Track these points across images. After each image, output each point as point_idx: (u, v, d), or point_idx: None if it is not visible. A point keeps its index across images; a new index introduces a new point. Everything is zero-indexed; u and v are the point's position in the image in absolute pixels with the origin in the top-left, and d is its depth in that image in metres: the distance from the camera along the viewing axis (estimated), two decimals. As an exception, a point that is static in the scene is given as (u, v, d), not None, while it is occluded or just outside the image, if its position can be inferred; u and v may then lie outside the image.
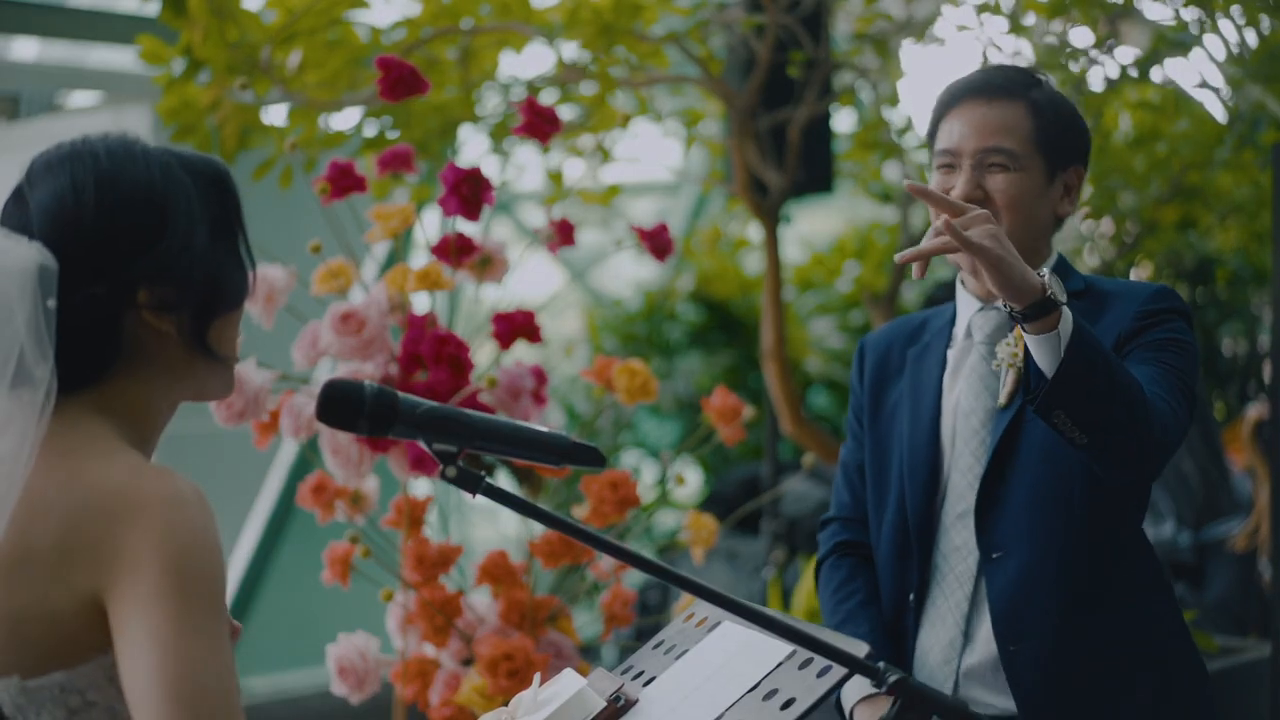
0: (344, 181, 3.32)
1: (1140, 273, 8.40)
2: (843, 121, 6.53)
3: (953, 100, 2.56)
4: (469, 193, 3.28)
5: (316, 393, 1.69)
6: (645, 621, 5.60)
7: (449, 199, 3.28)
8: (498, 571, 3.36)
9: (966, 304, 2.63)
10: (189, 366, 1.71)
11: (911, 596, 2.58)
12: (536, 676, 2.15)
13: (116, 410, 1.67)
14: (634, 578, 6.68)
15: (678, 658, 2.05)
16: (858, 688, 2.51)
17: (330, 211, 3.35)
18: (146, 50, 4.25)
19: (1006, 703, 2.49)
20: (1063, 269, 2.59)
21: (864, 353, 2.76)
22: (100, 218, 1.63)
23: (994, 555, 2.50)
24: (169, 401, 1.73)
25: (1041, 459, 2.50)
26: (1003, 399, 2.51)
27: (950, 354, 2.62)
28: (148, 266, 1.64)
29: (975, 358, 2.57)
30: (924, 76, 5.43)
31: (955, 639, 2.52)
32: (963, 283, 2.65)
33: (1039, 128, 2.52)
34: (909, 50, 5.03)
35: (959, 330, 2.62)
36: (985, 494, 2.50)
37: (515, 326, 3.32)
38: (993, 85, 2.54)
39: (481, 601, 3.40)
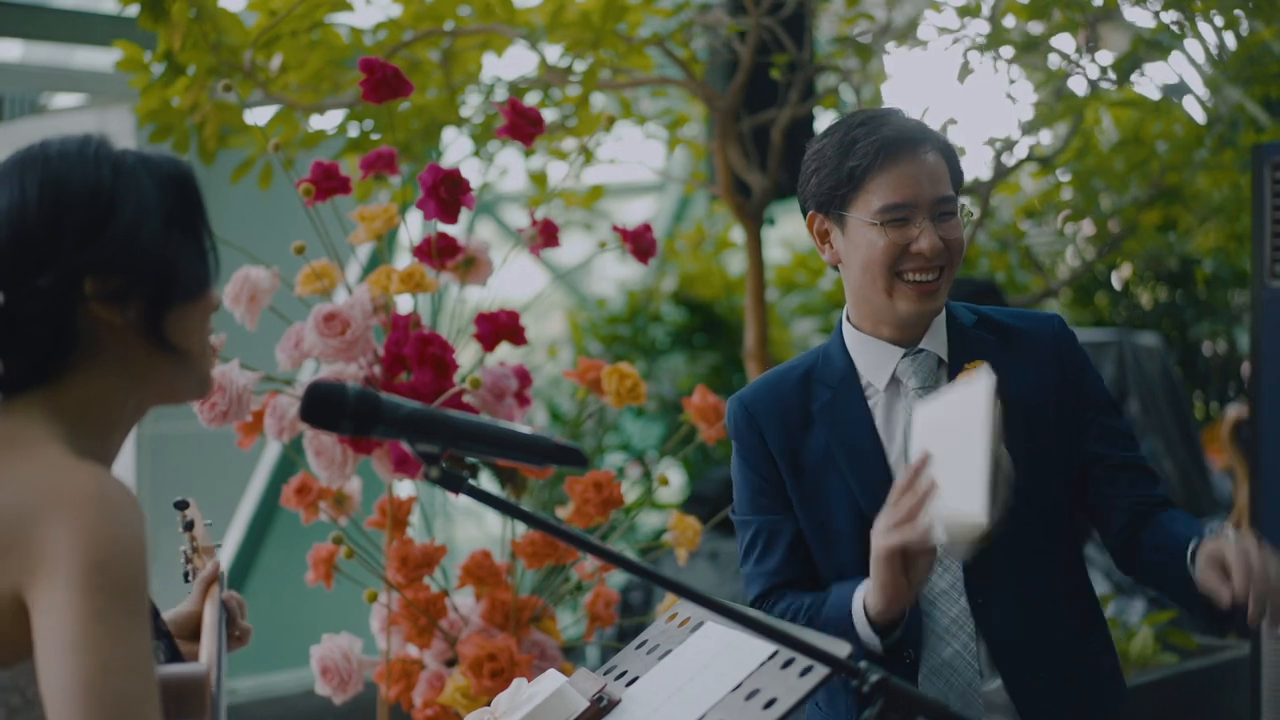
0: (328, 183, 3.32)
1: (1121, 274, 8.45)
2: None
3: (890, 151, 2.52)
4: (448, 194, 3.28)
5: (300, 394, 1.70)
6: (628, 622, 5.62)
7: (428, 201, 3.28)
8: (481, 572, 3.36)
9: (878, 351, 2.61)
10: (149, 362, 1.70)
11: (910, 653, 2.54)
12: (520, 680, 2.16)
13: (70, 409, 1.66)
14: (617, 578, 6.69)
15: (661, 658, 2.06)
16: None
17: (314, 213, 3.35)
18: (125, 59, 4.25)
19: None
20: (951, 306, 2.65)
21: (752, 413, 2.66)
22: (43, 213, 1.64)
23: (989, 599, 2.52)
24: (132, 401, 1.71)
25: (1021, 501, 2.51)
26: None
27: (873, 404, 2.60)
28: (92, 257, 1.64)
29: (916, 403, 2.56)
30: (906, 79, 5.44)
31: (974, 681, 2.52)
32: (857, 327, 2.64)
33: (952, 171, 2.58)
34: (892, 53, 5.04)
35: (874, 379, 2.60)
36: None
37: (499, 327, 3.33)
38: (924, 133, 2.55)
39: (465, 602, 3.41)
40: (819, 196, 2.59)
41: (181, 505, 2.34)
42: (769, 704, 1.76)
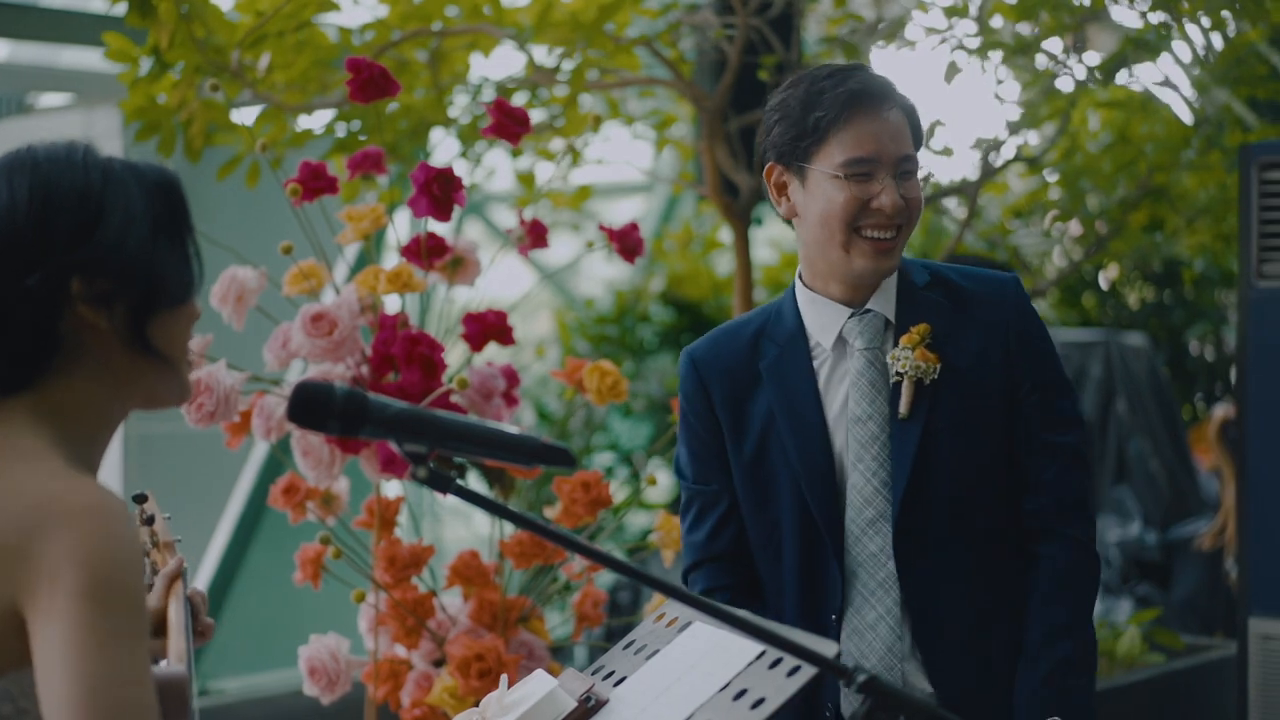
0: (315, 183, 3.32)
1: (1108, 274, 8.46)
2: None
3: (857, 104, 2.51)
4: (440, 192, 3.28)
5: (287, 394, 1.69)
6: (616, 622, 5.61)
7: (419, 198, 3.27)
8: (469, 572, 3.36)
9: (826, 311, 2.60)
10: (132, 367, 1.69)
11: (834, 617, 2.55)
12: (504, 679, 2.16)
13: (54, 414, 1.65)
14: (605, 578, 6.69)
15: (648, 658, 2.06)
16: None
17: (301, 213, 3.35)
18: (113, 49, 4.23)
19: None
20: (906, 263, 2.63)
21: (702, 372, 2.65)
22: (33, 214, 1.64)
23: (914, 564, 2.52)
24: (115, 406, 1.71)
25: (955, 469, 2.54)
26: (904, 410, 2.52)
27: (819, 363, 2.59)
28: (81, 257, 1.64)
29: (859, 364, 2.56)
30: (894, 79, 5.45)
31: (894, 645, 2.52)
32: (809, 288, 2.62)
33: (914, 131, 2.58)
34: (879, 53, 5.04)
35: (822, 338, 2.59)
36: (907, 506, 2.51)
37: (487, 327, 3.33)
38: (888, 91, 2.55)
39: (453, 602, 3.41)
40: (780, 147, 2.57)
41: (140, 499, 2.32)
42: (757, 703, 1.76)
